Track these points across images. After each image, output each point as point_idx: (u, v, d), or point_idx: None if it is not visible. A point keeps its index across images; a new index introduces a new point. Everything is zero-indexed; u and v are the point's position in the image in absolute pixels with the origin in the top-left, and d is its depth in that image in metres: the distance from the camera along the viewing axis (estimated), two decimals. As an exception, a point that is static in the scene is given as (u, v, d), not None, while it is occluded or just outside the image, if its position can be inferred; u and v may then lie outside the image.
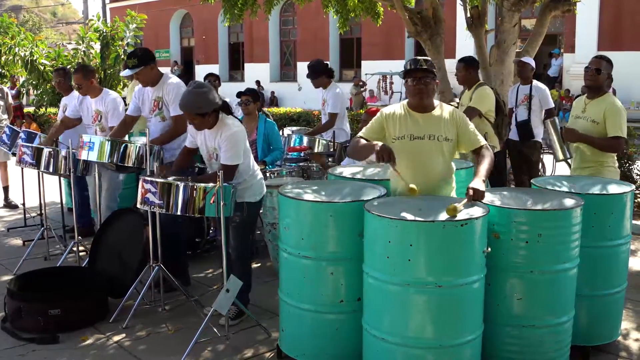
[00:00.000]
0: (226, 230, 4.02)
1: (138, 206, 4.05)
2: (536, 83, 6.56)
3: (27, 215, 6.94)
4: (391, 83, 22.49)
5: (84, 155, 4.80)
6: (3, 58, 8.43)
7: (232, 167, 4.06)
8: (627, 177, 6.71)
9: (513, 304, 3.44)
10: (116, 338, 4.16)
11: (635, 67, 17.01)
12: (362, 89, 22.19)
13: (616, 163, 4.63)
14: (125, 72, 5.34)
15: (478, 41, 7.48)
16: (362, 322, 3.36)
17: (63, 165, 5.29)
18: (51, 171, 5.38)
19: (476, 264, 3.18)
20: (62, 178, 6.23)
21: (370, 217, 3.20)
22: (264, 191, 4.40)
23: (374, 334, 3.25)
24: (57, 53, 8.48)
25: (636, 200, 6.26)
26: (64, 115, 6.19)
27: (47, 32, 48.20)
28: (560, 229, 3.39)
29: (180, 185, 3.83)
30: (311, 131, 6.89)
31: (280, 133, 6.26)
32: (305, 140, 6.31)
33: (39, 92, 8.64)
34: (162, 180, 3.92)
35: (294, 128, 8.25)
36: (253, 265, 5.21)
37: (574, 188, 3.92)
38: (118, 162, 4.75)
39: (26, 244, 6.11)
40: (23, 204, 6.95)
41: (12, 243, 6.47)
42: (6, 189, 8.11)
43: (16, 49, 8.21)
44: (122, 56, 8.11)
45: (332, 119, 6.48)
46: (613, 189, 3.92)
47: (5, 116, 7.95)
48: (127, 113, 5.33)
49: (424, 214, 3.17)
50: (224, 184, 3.79)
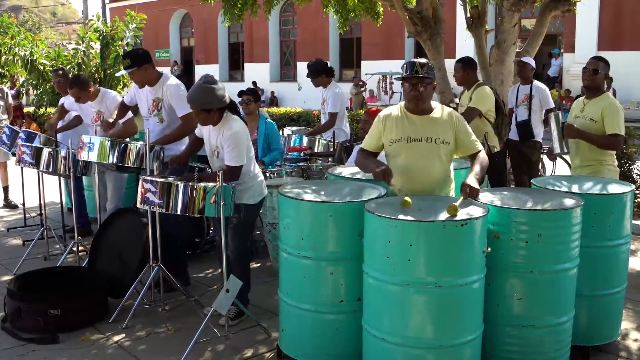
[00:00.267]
0: (225, 230, 4.02)
1: (138, 206, 4.05)
2: (536, 83, 6.57)
3: (27, 215, 6.94)
4: (391, 83, 22.50)
5: (84, 155, 4.79)
6: (3, 58, 8.42)
7: (237, 168, 4.05)
8: (627, 177, 6.71)
9: (513, 304, 3.44)
10: (116, 338, 4.16)
11: (635, 67, 17.03)
12: (362, 89, 22.19)
13: (616, 162, 4.67)
14: (119, 72, 5.34)
15: (478, 41, 7.47)
16: (362, 322, 3.36)
17: (63, 165, 5.29)
18: (51, 171, 5.38)
19: (476, 264, 3.18)
20: (62, 178, 6.23)
21: (370, 217, 3.20)
22: (265, 193, 4.37)
23: (374, 334, 3.25)
24: (57, 53, 8.47)
25: (636, 200, 6.26)
26: (61, 104, 6.25)
27: (47, 32, 48.22)
28: (560, 229, 3.39)
29: (180, 185, 3.83)
30: (311, 131, 6.89)
31: (280, 133, 6.26)
32: (305, 140, 6.32)
33: (39, 92, 8.63)
34: (162, 180, 3.92)
35: (294, 128, 8.24)
36: (253, 265, 5.21)
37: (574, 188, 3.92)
38: (118, 162, 4.75)
39: (26, 244, 6.11)
40: (23, 204, 6.96)
41: (12, 243, 6.46)
42: (6, 189, 8.11)
43: (16, 49, 8.20)
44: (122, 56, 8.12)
45: (332, 119, 6.47)
46: (613, 189, 3.92)
47: (5, 116, 7.95)
48: (123, 100, 5.39)
49: (424, 214, 3.17)
50: (224, 184, 3.79)
